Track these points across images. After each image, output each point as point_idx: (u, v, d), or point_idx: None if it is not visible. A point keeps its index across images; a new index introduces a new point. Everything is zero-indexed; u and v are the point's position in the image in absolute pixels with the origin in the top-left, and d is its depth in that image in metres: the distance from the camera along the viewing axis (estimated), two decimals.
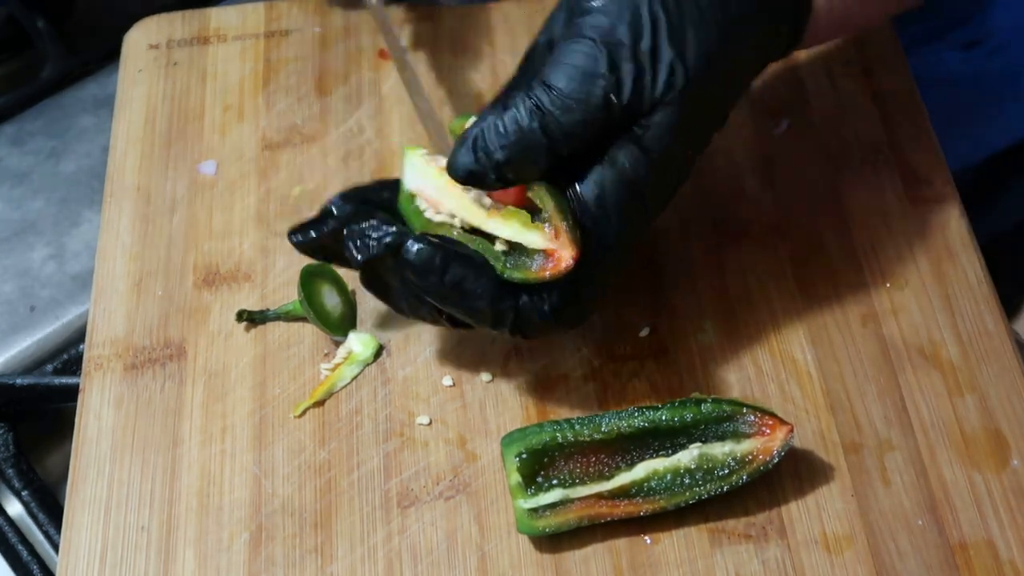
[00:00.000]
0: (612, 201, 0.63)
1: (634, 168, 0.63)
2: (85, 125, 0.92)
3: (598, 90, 0.62)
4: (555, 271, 0.62)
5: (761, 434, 0.66)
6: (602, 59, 0.62)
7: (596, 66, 0.62)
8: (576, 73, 0.62)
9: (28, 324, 0.83)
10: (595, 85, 0.62)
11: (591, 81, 0.62)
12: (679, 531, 0.66)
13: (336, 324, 0.74)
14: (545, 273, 0.62)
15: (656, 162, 0.63)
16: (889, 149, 0.79)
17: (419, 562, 0.66)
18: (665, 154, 0.63)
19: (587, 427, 0.67)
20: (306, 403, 0.71)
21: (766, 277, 0.74)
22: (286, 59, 0.86)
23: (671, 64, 0.62)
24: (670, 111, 0.62)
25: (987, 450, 0.68)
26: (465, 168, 0.62)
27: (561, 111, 0.61)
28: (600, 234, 0.63)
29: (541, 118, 0.61)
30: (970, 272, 0.74)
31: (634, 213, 0.63)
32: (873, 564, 0.65)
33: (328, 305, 0.74)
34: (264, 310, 0.75)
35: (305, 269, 0.73)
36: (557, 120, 0.61)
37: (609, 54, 0.62)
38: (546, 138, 0.62)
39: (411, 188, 0.68)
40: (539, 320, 0.64)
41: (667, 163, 0.63)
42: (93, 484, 0.69)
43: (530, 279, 0.63)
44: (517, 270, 0.63)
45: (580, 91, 0.62)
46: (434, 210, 0.66)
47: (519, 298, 0.63)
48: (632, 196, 0.63)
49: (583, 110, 0.62)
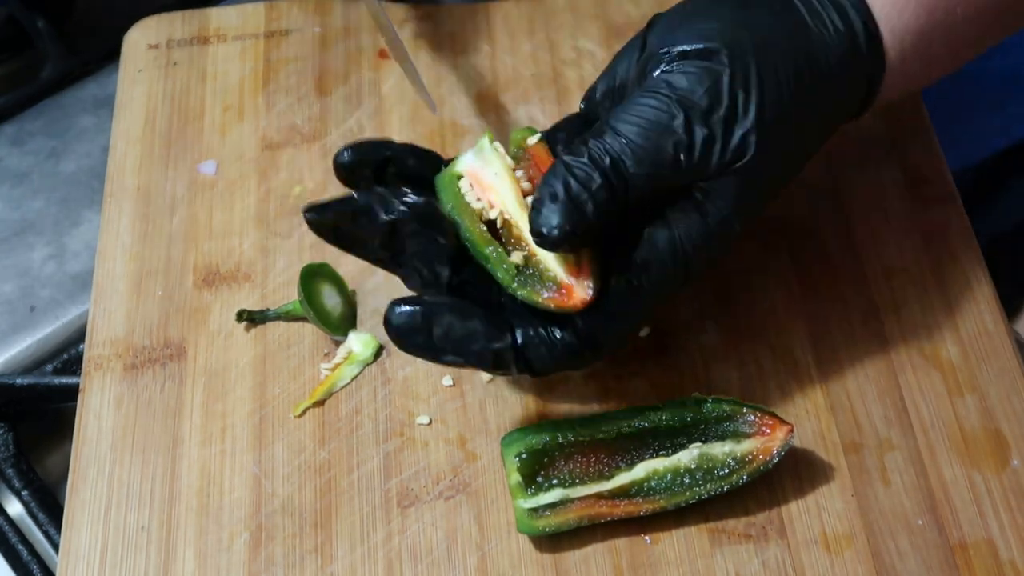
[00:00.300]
0: (656, 256, 0.62)
1: (687, 231, 0.62)
2: (85, 125, 0.92)
3: (669, 147, 0.61)
4: (562, 305, 0.61)
5: (761, 434, 0.66)
6: (678, 117, 0.61)
7: (671, 123, 0.61)
8: (650, 126, 0.61)
9: (28, 324, 0.83)
10: (667, 141, 0.61)
11: (664, 136, 0.61)
12: (679, 531, 0.66)
13: (336, 324, 0.74)
14: (551, 304, 0.61)
15: (711, 228, 0.62)
16: (890, 148, 0.79)
17: (419, 562, 0.66)
18: (721, 222, 0.62)
19: (587, 427, 0.67)
20: (306, 403, 0.71)
21: (766, 277, 0.74)
22: (286, 59, 0.86)
23: (744, 136, 0.61)
24: (734, 181, 0.62)
25: (987, 450, 0.68)
26: (561, 227, 0.60)
27: (632, 161, 0.60)
28: (635, 287, 0.62)
29: (613, 167, 0.60)
30: (970, 272, 0.74)
31: (675, 274, 0.63)
32: (873, 564, 0.65)
33: (328, 305, 0.74)
34: (264, 310, 0.75)
35: (305, 269, 0.73)
36: (626, 169, 0.60)
37: (685, 114, 0.61)
38: (612, 191, 0.60)
39: (463, 168, 0.66)
40: (547, 353, 0.62)
41: (720, 231, 0.62)
42: (93, 484, 0.69)
43: (536, 303, 0.61)
44: (525, 288, 0.62)
45: (652, 144, 0.61)
46: (477, 196, 0.65)
47: (514, 333, 0.62)
48: (676, 255, 0.62)
49: (653, 163, 0.61)
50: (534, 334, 0.62)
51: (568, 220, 0.60)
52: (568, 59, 0.85)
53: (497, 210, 0.64)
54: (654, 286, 0.63)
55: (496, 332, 0.62)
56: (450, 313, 0.62)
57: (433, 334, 0.62)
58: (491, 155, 0.66)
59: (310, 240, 0.77)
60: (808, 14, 0.64)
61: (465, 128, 0.82)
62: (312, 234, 0.77)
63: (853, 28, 0.64)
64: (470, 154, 0.66)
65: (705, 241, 0.62)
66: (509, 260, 0.62)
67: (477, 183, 0.65)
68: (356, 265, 0.76)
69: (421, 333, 0.62)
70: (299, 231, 0.78)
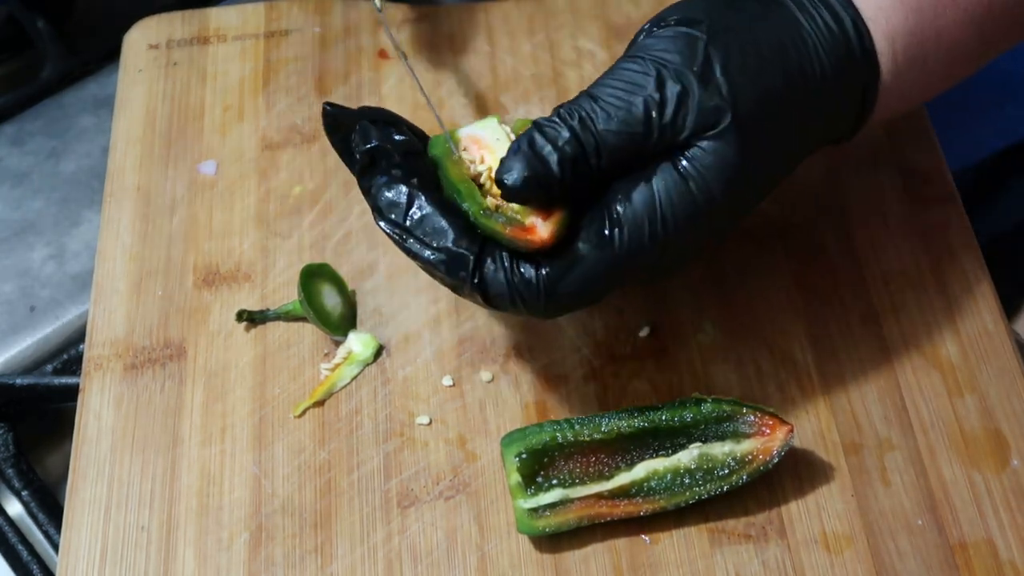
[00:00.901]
0: (631, 212, 0.61)
1: (666, 188, 0.61)
2: (85, 125, 0.92)
3: (639, 104, 0.61)
4: (518, 236, 0.60)
5: (761, 434, 0.66)
6: (650, 75, 0.61)
7: (643, 80, 0.61)
8: (621, 85, 0.61)
9: (28, 324, 0.83)
10: (637, 98, 0.61)
11: (634, 93, 0.61)
12: (679, 531, 0.66)
13: (336, 324, 0.74)
14: (510, 235, 0.60)
15: (691, 192, 0.61)
16: (889, 149, 0.79)
17: (419, 562, 0.66)
18: (702, 187, 0.61)
19: (587, 427, 0.67)
20: (306, 403, 0.71)
21: (766, 277, 0.75)
22: (286, 59, 0.86)
23: (721, 94, 0.61)
24: (714, 146, 0.61)
25: (987, 450, 0.68)
26: (520, 174, 0.60)
27: (601, 119, 0.61)
28: (605, 241, 0.61)
29: (582, 124, 0.61)
30: (970, 272, 0.74)
31: (648, 235, 0.61)
32: (873, 564, 0.65)
33: (328, 305, 0.74)
34: (264, 310, 0.75)
35: (305, 269, 0.73)
36: (595, 127, 0.61)
37: (658, 71, 0.61)
38: (581, 147, 0.60)
39: (463, 133, 0.67)
40: (504, 280, 0.61)
41: (703, 198, 0.61)
42: (93, 484, 0.69)
43: (496, 233, 0.61)
44: (487, 219, 0.61)
45: (622, 102, 0.61)
46: (470, 152, 0.65)
47: (484, 250, 0.61)
48: (653, 214, 0.61)
49: (623, 120, 0.61)
50: (497, 258, 0.62)
51: (529, 169, 0.60)
52: (568, 59, 0.85)
53: (486, 166, 0.65)
54: (625, 243, 0.61)
55: (465, 238, 0.62)
56: (432, 204, 0.62)
57: (409, 214, 0.62)
58: (495, 128, 0.67)
59: (310, 240, 0.77)
60: (798, 10, 0.64)
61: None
62: (312, 234, 0.78)
63: (844, 26, 0.64)
64: (475, 125, 0.67)
65: (685, 208, 0.61)
66: (481, 198, 0.63)
67: (475, 143, 0.66)
68: (357, 265, 0.76)
69: (399, 208, 0.62)
70: (299, 231, 0.78)
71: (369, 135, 0.65)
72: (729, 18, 0.63)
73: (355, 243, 0.77)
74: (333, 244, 0.77)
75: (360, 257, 0.76)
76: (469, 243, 0.61)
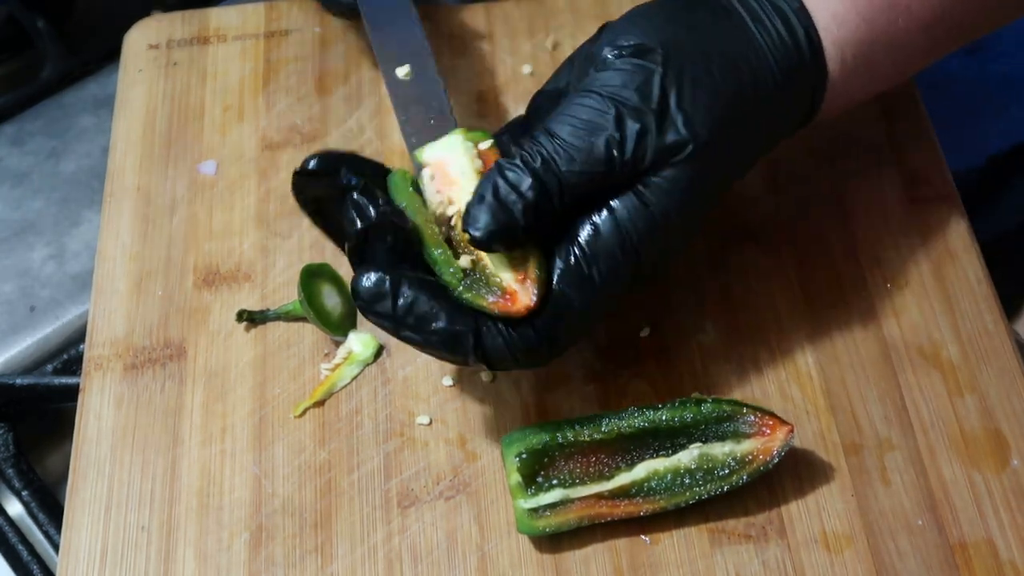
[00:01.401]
0: (603, 245, 0.62)
1: (631, 217, 0.62)
2: (85, 125, 0.92)
3: (601, 143, 0.61)
4: (506, 310, 0.61)
5: (761, 434, 0.66)
6: (609, 114, 0.62)
7: (602, 120, 0.62)
8: (581, 124, 0.62)
9: (28, 324, 0.83)
10: (599, 138, 0.61)
11: (595, 134, 0.61)
12: (679, 531, 0.66)
13: (336, 324, 0.74)
14: (495, 309, 0.61)
15: (654, 216, 0.62)
16: (890, 149, 0.79)
17: (419, 562, 0.66)
18: (663, 211, 0.62)
19: (587, 427, 0.67)
20: (306, 403, 0.71)
21: (767, 277, 0.74)
22: (286, 59, 0.86)
23: (678, 129, 0.62)
24: (673, 173, 0.62)
25: (987, 450, 0.68)
26: (487, 227, 0.61)
27: (564, 160, 0.61)
28: (586, 278, 0.62)
29: (545, 167, 0.61)
30: (970, 272, 0.74)
31: (623, 264, 0.63)
32: (873, 564, 0.65)
33: (328, 305, 0.74)
34: (264, 310, 0.75)
35: (305, 269, 0.73)
36: (558, 169, 0.61)
37: (616, 110, 0.62)
38: (545, 190, 0.61)
39: (429, 158, 0.67)
40: (504, 346, 0.62)
41: (664, 221, 0.63)
42: (93, 484, 0.69)
43: (481, 307, 0.62)
44: (470, 292, 0.62)
45: (584, 142, 0.61)
46: (438, 189, 0.65)
47: (478, 321, 0.62)
48: (624, 243, 0.62)
49: (585, 161, 0.61)
50: (492, 328, 0.62)
51: (495, 220, 0.61)
52: None
53: (455, 208, 0.65)
54: (605, 276, 0.63)
55: (459, 316, 0.62)
56: (417, 288, 0.62)
57: (397, 305, 0.62)
58: (460, 150, 0.66)
59: (310, 240, 0.77)
60: (751, 20, 0.65)
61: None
62: (312, 234, 0.77)
63: (796, 36, 0.65)
64: (439, 144, 0.67)
65: (651, 231, 0.62)
66: (456, 263, 0.63)
67: (441, 175, 0.66)
68: None
69: (386, 300, 0.62)
70: (299, 231, 0.78)
71: (362, 213, 0.64)
72: (682, 39, 0.63)
73: None
74: (333, 244, 0.77)
75: None
76: (463, 322, 0.62)
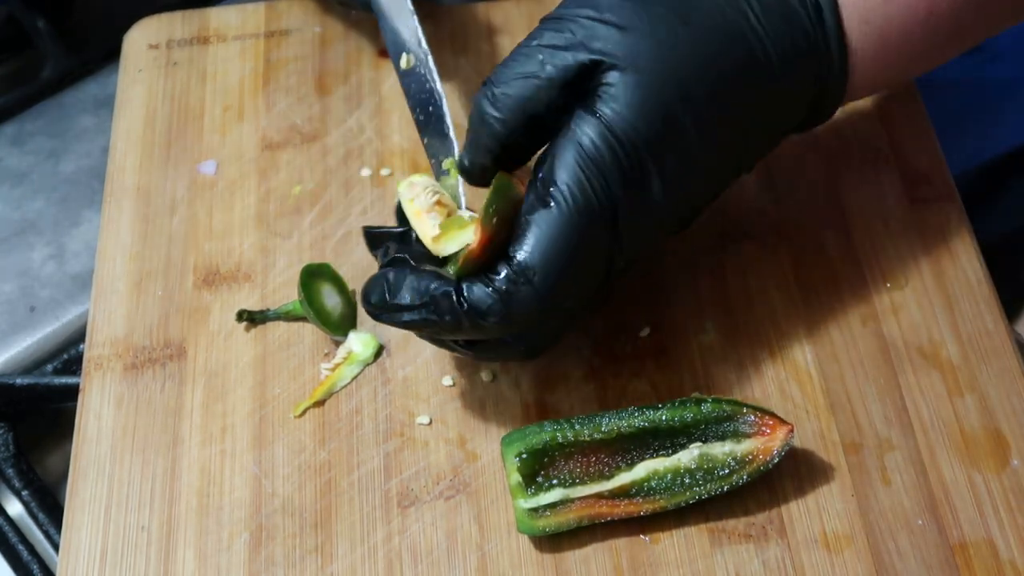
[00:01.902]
0: (559, 162, 0.62)
1: (580, 126, 0.62)
2: (85, 125, 0.92)
3: (534, 62, 0.64)
4: (468, 252, 0.62)
5: (761, 434, 0.66)
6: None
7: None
8: (524, 50, 0.65)
9: (28, 324, 0.83)
10: (532, 59, 0.64)
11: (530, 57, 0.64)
12: (679, 531, 0.66)
13: (336, 324, 0.74)
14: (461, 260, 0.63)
15: (602, 125, 0.62)
16: (889, 149, 0.79)
17: (419, 562, 0.66)
18: (610, 120, 0.62)
19: (587, 427, 0.67)
20: (306, 403, 0.71)
21: (766, 277, 0.74)
22: (286, 59, 0.86)
23: (604, 39, 0.63)
24: (617, 82, 0.62)
25: (987, 450, 0.68)
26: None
27: (500, 80, 0.65)
28: (543, 199, 0.62)
29: (488, 96, 0.64)
30: (970, 272, 0.74)
31: (584, 180, 0.62)
32: (873, 564, 0.65)
33: (328, 305, 0.74)
34: (264, 310, 0.75)
35: (305, 269, 0.73)
36: (494, 89, 0.65)
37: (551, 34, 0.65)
38: (486, 120, 0.64)
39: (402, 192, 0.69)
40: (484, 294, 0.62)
41: (613, 132, 0.62)
42: (93, 484, 0.69)
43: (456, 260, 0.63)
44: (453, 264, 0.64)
45: (521, 65, 0.64)
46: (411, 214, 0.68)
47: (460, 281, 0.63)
48: (579, 155, 0.62)
49: (519, 74, 0.64)
50: (472, 281, 0.62)
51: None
52: None
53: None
54: (566, 195, 0.62)
55: (441, 279, 0.63)
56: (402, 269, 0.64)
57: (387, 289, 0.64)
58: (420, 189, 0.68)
59: (310, 240, 0.77)
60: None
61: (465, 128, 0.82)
62: (312, 234, 0.78)
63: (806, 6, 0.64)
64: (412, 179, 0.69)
65: (604, 142, 0.62)
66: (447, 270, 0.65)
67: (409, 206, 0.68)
68: (357, 266, 0.76)
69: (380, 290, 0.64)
70: (299, 231, 0.78)
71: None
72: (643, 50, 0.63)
73: (355, 243, 0.77)
74: (333, 244, 0.77)
75: (360, 257, 0.76)
76: (446, 281, 0.63)
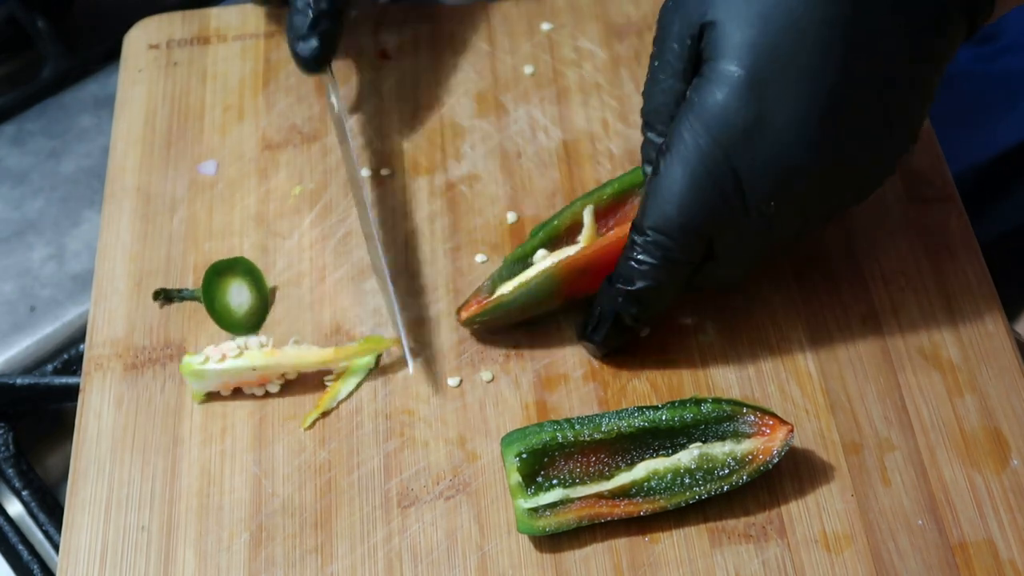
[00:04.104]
0: (674, 131, 0.64)
1: (696, 90, 0.63)
2: (85, 125, 0.92)
3: None
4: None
5: (761, 434, 0.66)
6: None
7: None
8: None
9: (28, 324, 0.83)
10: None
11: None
12: (679, 531, 0.66)
13: (238, 323, 0.74)
14: None
15: (716, 94, 0.62)
16: None
17: (419, 562, 0.66)
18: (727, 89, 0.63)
19: (587, 427, 0.67)
20: (313, 414, 0.71)
21: (766, 277, 0.74)
22: (286, 59, 0.86)
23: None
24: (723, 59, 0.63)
25: (987, 450, 0.68)
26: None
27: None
28: (659, 171, 0.64)
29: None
30: (970, 272, 0.74)
31: (694, 144, 0.63)
32: (873, 564, 0.65)
33: (233, 304, 0.74)
34: (180, 289, 0.75)
35: (212, 268, 0.74)
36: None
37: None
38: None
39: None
40: (628, 263, 0.67)
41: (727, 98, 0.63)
42: (93, 484, 0.69)
43: None
44: None
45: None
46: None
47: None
48: (692, 119, 0.63)
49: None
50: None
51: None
52: (568, 59, 0.85)
53: None
54: (675, 155, 0.64)
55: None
56: None
57: None
58: None
59: (310, 240, 0.77)
60: None
61: (465, 128, 0.82)
62: (312, 234, 0.78)
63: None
64: None
65: (723, 113, 0.63)
66: None
67: None
68: (356, 265, 0.76)
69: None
70: (299, 231, 0.78)
71: None
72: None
73: (355, 243, 0.77)
74: (333, 244, 0.77)
75: (360, 257, 0.76)
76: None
